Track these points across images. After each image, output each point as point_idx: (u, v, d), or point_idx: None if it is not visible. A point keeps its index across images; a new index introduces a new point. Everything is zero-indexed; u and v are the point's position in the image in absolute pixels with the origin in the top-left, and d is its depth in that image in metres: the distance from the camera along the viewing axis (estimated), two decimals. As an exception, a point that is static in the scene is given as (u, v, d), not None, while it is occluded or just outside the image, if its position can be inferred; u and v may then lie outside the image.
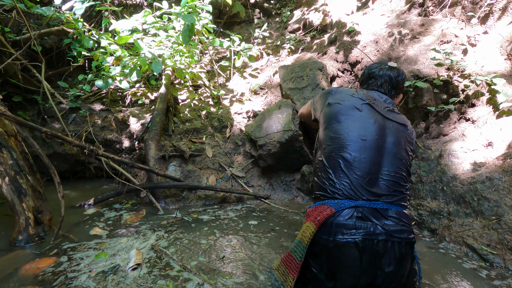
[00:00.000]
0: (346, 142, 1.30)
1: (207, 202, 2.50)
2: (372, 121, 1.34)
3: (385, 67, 1.56)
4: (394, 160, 1.29)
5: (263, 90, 3.41)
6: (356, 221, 1.16)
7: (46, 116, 2.86)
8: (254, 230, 2.05)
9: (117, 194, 2.30)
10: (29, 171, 1.78)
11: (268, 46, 3.93)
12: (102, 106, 3.05)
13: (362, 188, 1.22)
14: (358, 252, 1.13)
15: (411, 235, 1.20)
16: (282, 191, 2.75)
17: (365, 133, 1.31)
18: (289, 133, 2.62)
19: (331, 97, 1.50)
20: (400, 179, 1.29)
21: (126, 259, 1.58)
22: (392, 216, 1.19)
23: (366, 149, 1.28)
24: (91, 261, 1.56)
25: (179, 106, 3.11)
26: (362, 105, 1.40)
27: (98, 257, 1.61)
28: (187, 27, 2.16)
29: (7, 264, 1.52)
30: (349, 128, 1.33)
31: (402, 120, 1.43)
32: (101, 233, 1.87)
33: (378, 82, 1.54)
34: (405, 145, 1.35)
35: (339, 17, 3.65)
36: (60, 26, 3.01)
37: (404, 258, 1.17)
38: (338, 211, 1.18)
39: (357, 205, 1.19)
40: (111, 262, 1.55)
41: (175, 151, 2.63)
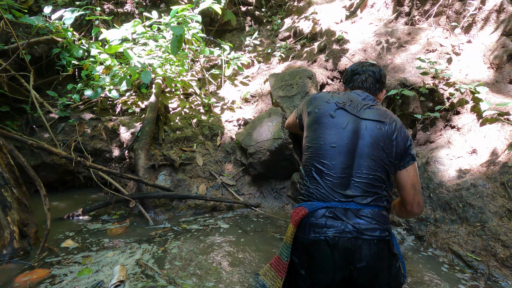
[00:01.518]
0: (318, 151, 1.36)
1: (197, 211, 2.50)
2: (343, 126, 1.38)
3: (367, 63, 1.61)
4: (367, 162, 1.32)
5: (254, 98, 3.44)
6: (327, 220, 1.24)
7: (34, 126, 2.84)
8: (244, 239, 2.05)
9: (106, 204, 2.28)
10: (14, 183, 1.76)
11: (259, 54, 3.97)
12: (92, 115, 3.03)
13: (333, 191, 1.29)
14: (329, 249, 1.23)
15: (384, 233, 1.24)
16: (272, 198, 2.76)
17: (335, 139, 1.35)
18: (279, 141, 2.64)
19: (311, 106, 1.53)
20: (374, 180, 1.32)
21: (110, 275, 1.55)
22: (365, 215, 1.26)
23: (336, 155, 1.33)
24: (74, 278, 1.53)
25: (169, 114, 3.11)
26: (336, 111, 1.42)
27: (82, 273, 1.58)
28: (176, 37, 2.18)
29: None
30: (321, 136, 1.38)
31: (380, 117, 1.41)
32: (73, 245, 1.85)
33: (362, 77, 1.56)
34: (384, 143, 1.36)
35: (329, 26, 3.71)
36: (49, 35, 3.00)
37: (377, 255, 1.23)
38: (311, 212, 1.27)
39: (328, 206, 1.27)
40: (94, 279, 1.52)
41: (165, 160, 2.62)
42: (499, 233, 1.74)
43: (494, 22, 2.65)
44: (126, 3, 4.10)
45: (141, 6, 4.14)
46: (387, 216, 1.31)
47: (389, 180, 1.36)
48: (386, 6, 3.47)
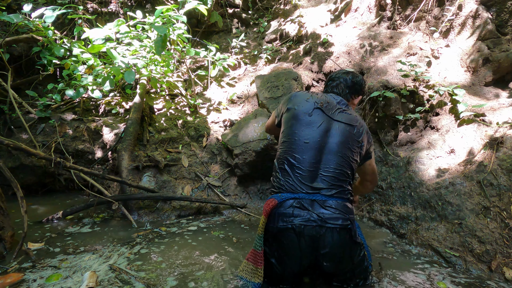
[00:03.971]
0: (293, 145, 1.48)
1: (182, 212, 2.47)
2: (317, 125, 1.51)
3: (342, 71, 1.78)
4: (335, 158, 1.45)
5: (240, 99, 3.44)
6: (294, 210, 1.36)
7: (13, 127, 2.74)
8: (228, 240, 2.04)
9: (88, 206, 2.22)
10: (-11, 185, 1.69)
11: (245, 56, 3.99)
12: (74, 116, 2.96)
13: (302, 183, 1.41)
14: (296, 236, 1.33)
15: (346, 222, 1.37)
16: (258, 199, 2.76)
17: (308, 136, 1.48)
18: (264, 142, 2.66)
19: (290, 102, 1.63)
20: (340, 175, 1.45)
21: (79, 282, 1.49)
22: (330, 206, 1.38)
23: (308, 150, 1.45)
24: (40, 285, 1.46)
25: (154, 115, 3.07)
26: (314, 110, 1.55)
27: (50, 279, 1.51)
28: (160, 37, 2.16)
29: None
30: (297, 132, 1.50)
31: (351, 121, 1.55)
32: (50, 248, 1.79)
33: (334, 83, 1.73)
34: (352, 144, 1.51)
35: (314, 29, 3.77)
36: (29, 33, 2.92)
37: (339, 242, 1.35)
38: (280, 202, 1.38)
39: (296, 197, 1.39)
40: (62, 287, 1.45)
41: (150, 161, 2.58)
42: (475, 229, 1.80)
43: (470, 27, 2.77)
44: (111, 3, 4.05)
45: (126, 6, 4.09)
46: (350, 208, 1.45)
47: (353, 176, 1.53)
48: (369, 11, 3.56)
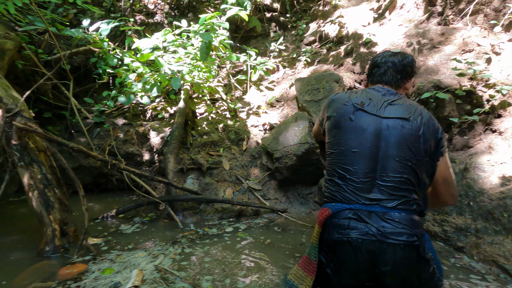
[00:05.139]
0: (340, 156, 1.34)
1: (224, 215, 2.51)
2: (364, 129, 1.32)
3: (388, 54, 1.49)
4: (393, 164, 1.26)
5: (279, 103, 3.43)
6: (350, 222, 1.24)
7: (73, 131, 3.02)
8: (270, 244, 2.03)
9: (138, 206, 2.36)
10: (56, 184, 1.87)
11: (284, 59, 3.98)
12: (124, 121, 3.18)
13: (357, 194, 1.28)
14: (352, 250, 1.22)
15: (411, 238, 1.20)
16: (299, 204, 2.72)
17: (356, 144, 1.31)
18: (305, 145, 2.61)
19: (329, 109, 1.47)
20: (401, 183, 1.26)
21: (127, 278, 1.58)
22: (391, 219, 1.22)
23: (358, 160, 1.29)
24: (97, 276, 1.58)
25: (197, 119, 3.18)
26: (355, 113, 1.35)
27: (104, 272, 1.63)
28: (205, 44, 2.24)
29: (32, 274, 1.59)
30: (341, 142, 1.35)
31: (403, 113, 1.31)
32: (105, 244, 1.93)
33: (381, 69, 1.46)
34: (410, 141, 1.27)
35: (355, 29, 3.65)
36: (87, 46, 3.20)
37: (403, 260, 1.20)
38: (334, 213, 1.28)
39: (352, 208, 1.26)
40: (112, 280, 1.55)
41: (193, 164, 2.68)
42: (552, 246, 1.59)
43: (539, 18, 2.47)
44: (156, 14, 4.29)
45: (170, 16, 4.31)
46: (417, 221, 1.25)
47: (419, 181, 1.28)
48: (416, 7, 3.35)
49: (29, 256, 1.76)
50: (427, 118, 1.32)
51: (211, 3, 4.09)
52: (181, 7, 4.34)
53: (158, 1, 4.43)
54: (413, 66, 1.47)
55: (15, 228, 2.16)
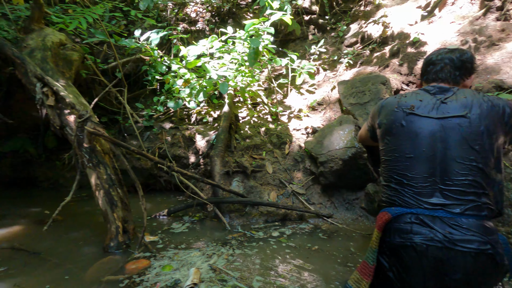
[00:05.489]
0: (395, 163, 1.32)
1: (269, 218, 2.53)
2: (416, 133, 1.28)
3: (444, 51, 1.41)
4: (454, 166, 1.20)
5: (321, 106, 3.40)
6: (412, 226, 1.20)
7: (125, 134, 3.22)
8: (318, 250, 2.01)
9: (188, 206, 2.46)
10: (118, 184, 2.01)
11: (324, 62, 3.93)
12: (171, 124, 3.33)
13: (417, 199, 1.24)
14: (417, 255, 1.18)
15: (484, 246, 1.12)
16: (344, 210, 2.66)
17: (410, 149, 1.27)
18: (352, 150, 2.55)
19: (380, 116, 1.45)
20: (467, 186, 1.18)
21: (186, 275, 1.65)
22: (459, 225, 1.16)
23: (415, 165, 1.25)
24: (158, 272, 1.67)
25: (239, 123, 3.25)
26: (406, 117, 1.31)
27: (164, 269, 1.72)
28: (253, 50, 2.28)
29: (102, 268, 1.72)
30: (395, 148, 1.33)
31: (458, 110, 1.23)
32: (155, 239, 2.05)
33: (437, 67, 1.38)
34: (472, 140, 1.20)
35: (401, 28, 3.51)
36: (138, 54, 3.42)
37: (476, 269, 1.13)
38: (395, 217, 1.25)
39: (413, 212, 1.22)
40: (172, 277, 1.63)
41: (238, 167, 2.73)
42: None
43: None
44: (198, 22, 4.46)
45: (211, 23, 4.45)
46: (489, 227, 1.16)
47: (489, 181, 1.19)
48: (471, 2, 3.15)
49: (96, 251, 1.90)
50: (488, 108, 1.22)
51: (252, 8, 4.16)
52: (221, 14, 4.47)
53: (199, 9, 4.61)
54: (473, 62, 1.38)
55: (80, 223, 2.35)
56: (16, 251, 1.91)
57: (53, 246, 1.97)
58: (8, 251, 1.91)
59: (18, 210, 2.57)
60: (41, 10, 2.41)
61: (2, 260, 1.79)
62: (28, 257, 1.84)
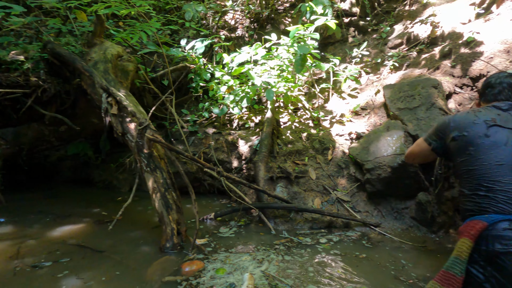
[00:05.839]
0: (483, 172, 1.35)
1: (314, 225, 2.51)
2: (504, 142, 1.37)
3: (502, 75, 1.58)
4: None
5: (364, 111, 3.30)
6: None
7: (172, 139, 3.39)
8: (366, 258, 1.96)
9: (234, 211, 2.52)
10: (172, 188, 2.12)
11: (366, 65, 3.82)
12: (214, 130, 3.44)
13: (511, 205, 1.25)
14: None
15: None
16: (392, 219, 2.56)
17: (500, 157, 1.34)
18: (402, 157, 2.45)
19: (454, 130, 1.54)
20: None
21: (239, 280, 1.68)
22: None
23: (506, 171, 1.31)
24: (213, 275, 1.73)
25: (281, 128, 3.27)
26: (489, 129, 1.42)
27: (218, 272, 1.78)
28: (300, 57, 2.29)
29: (160, 268, 1.82)
30: (482, 157, 1.38)
31: None
32: (205, 242, 2.13)
33: (496, 90, 1.55)
34: None
35: (453, 27, 3.31)
36: (183, 63, 3.58)
37: None
38: (491, 224, 1.25)
39: (511, 219, 1.23)
40: (226, 281, 1.68)
41: (281, 173, 2.75)
42: None
43: None
44: (238, 29, 4.57)
45: (250, 29, 4.53)
46: None
47: None
48: (535, -3, 2.89)
49: (153, 250, 2.02)
50: None
51: (294, 14, 4.18)
52: (260, 20, 4.53)
53: (238, 16, 4.72)
54: None
55: (135, 223, 2.51)
56: (81, 248, 2.09)
57: (114, 245, 2.12)
58: (74, 247, 2.10)
59: (80, 209, 2.81)
60: (102, 26, 2.63)
61: (69, 255, 1.97)
62: (93, 254, 2.00)
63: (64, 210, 2.77)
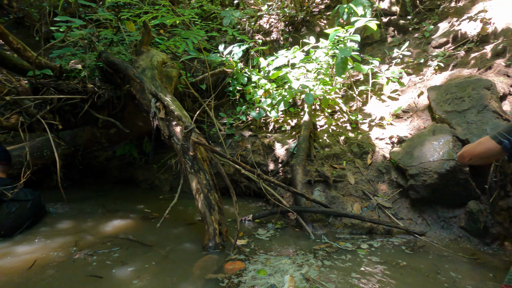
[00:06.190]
0: None
1: (354, 231, 2.46)
2: None
3: None
4: None
5: (406, 114, 3.17)
6: None
7: (210, 142, 3.50)
8: (411, 268, 1.87)
9: (271, 213, 2.55)
10: (214, 189, 2.20)
11: (408, 65, 3.67)
12: (250, 133, 3.50)
13: None
14: None
15: None
16: (439, 228, 2.42)
17: None
18: (450, 162, 2.32)
19: None
20: None
21: (280, 282, 1.69)
22: None
23: None
24: (254, 276, 1.76)
25: (317, 132, 3.24)
26: None
27: (259, 273, 1.80)
28: (341, 59, 2.27)
29: (203, 266, 1.89)
30: None
31: None
32: (244, 243, 2.17)
33: None
34: None
35: (507, 24, 3.07)
36: (221, 67, 3.69)
37: None
38: None
39: None
40: (267, 282, 1.70)
41: (319, 176, 2.72)
42: None
43: None
44: (272, 32, 4.61)
45: (285, 32, 4.55)
46: None
47: None
48: None
49: (196, 248, 2.11)
50: None
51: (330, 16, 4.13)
52: (295, 23, 4.54)
53: (272, 20, 4.76)
54: None
55: (177, 220, 2.63)
56: (131, 241, 2.23)
57: (159, 240, 2.24)
58: (124, 241, 2.25)
59: (127, 206, 3.00)
60: (149, 35, 2.81)
61: (120, 247, 2.11)
62: (141, 248, 2.13)
63: (113, 206, 2.98)
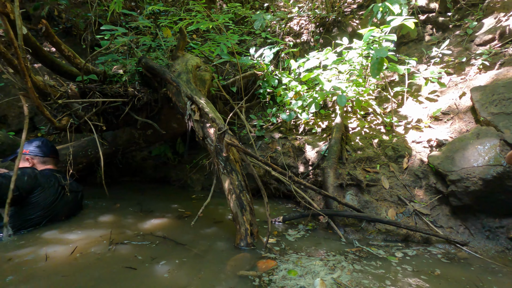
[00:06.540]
0: None
1: (388, 237, 2.37)
2: None
3: None
4: None
5: (446, 116, 3.00)
6: None
7: (240, 143, 3.56)
8: (451, 280, 1.77)
9: (302, 216, 2.54)
10: (246, 190, 2.23)
11: (448, 65, 3.47)
12: (280, 135, 3.51)
13: None
14: None
15: None
16: (484, 238, 2.26)
17: None
18: (497, 168, 2.17)
19: None
20: None
21: (310, 285, 1.67)
22: None
23: None
24: (285, 275, 1.77)
25: (350, 134, 3.17)
26: None
27: (290, 273, 1.80)
28: (377, 60, 2.21)
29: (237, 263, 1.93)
30: None
31: None
32: (274, 241, 2.16)
33: None
34: None
35: None
36: (251, 70, 3.75)
37: None
38: None
39: None
40: (297, 283, 1.69)
41: (351, 180, 2.66)
42: None
43: None
44: (303, 34, 4.59)
45: (316, 34, 4.51)
46: None
47: None
48: None
49: (228, 247, 2.16)
50: None
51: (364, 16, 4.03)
52: (326, 24, 4.48)
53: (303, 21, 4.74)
54: None
55: (208, 219, 2.71)
56: (166, 239, 2.33)
57: (193, 239, 2.32)
58: (160, 239, 2.35)
59: (162, 205, 3.14)
60: (185, 40, 2.93)
61: (156, 244, 2.22)
62: (176, 246, 2.22)
63: (149, 204, 3.14)
